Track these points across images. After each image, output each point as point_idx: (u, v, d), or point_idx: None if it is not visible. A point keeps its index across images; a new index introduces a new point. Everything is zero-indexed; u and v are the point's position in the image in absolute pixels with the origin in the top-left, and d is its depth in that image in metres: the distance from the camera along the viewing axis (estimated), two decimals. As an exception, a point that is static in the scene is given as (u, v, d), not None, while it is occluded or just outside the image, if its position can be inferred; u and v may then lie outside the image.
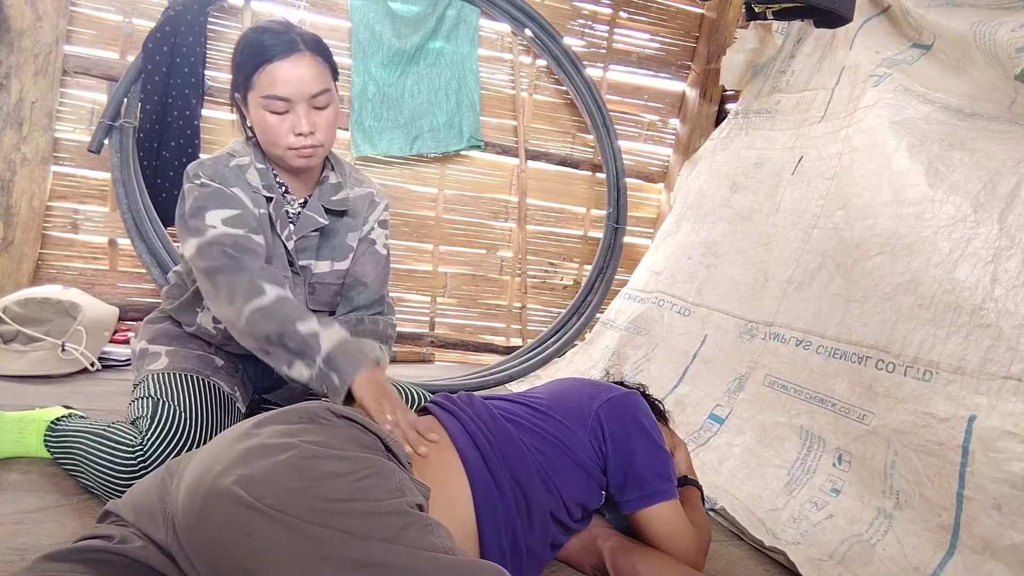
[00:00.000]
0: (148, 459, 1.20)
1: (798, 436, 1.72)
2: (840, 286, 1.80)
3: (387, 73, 2.68)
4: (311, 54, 1.28)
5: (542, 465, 1.06)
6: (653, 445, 1.15)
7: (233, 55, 1.32)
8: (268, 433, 0.81)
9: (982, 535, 1.24)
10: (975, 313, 1.42)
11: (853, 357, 1.66)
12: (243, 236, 1.27)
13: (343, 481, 0.75)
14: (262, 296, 1.18)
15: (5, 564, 1.02)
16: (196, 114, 2.42)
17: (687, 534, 1.14)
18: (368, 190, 1.53)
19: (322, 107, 1.31)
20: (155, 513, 0.82)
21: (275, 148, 1.32)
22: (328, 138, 1.34)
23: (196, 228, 1.27)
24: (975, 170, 1.58)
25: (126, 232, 2.30)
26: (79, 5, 2.39)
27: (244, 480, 0.72)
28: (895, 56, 2.05)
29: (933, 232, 1.58)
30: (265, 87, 1.26)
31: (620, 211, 2.92)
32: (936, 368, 1.45)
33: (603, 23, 3.02)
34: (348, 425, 0.87)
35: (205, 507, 0.73)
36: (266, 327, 1.16)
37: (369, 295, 1.49)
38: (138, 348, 1.48)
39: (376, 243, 1.52)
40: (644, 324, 2.45)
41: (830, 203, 1.98)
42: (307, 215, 1.42)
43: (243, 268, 1.22)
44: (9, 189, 2.32)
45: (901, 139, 1.78)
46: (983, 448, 1.28)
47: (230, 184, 1.32)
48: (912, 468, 1.41)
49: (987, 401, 1.32)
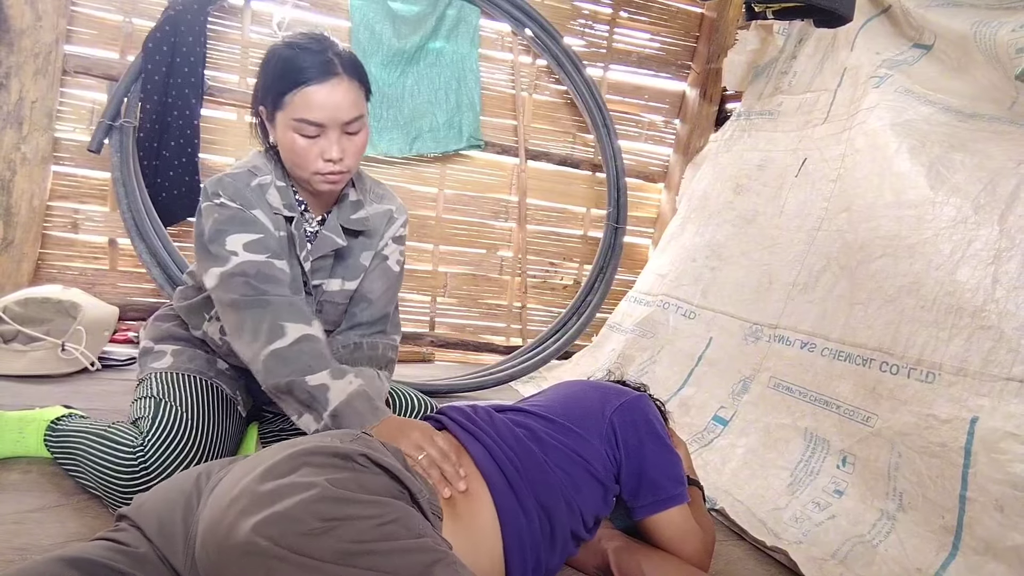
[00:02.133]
0: (149, 460, 1.20)
1: (802, 438, 1.72)
2: (845, 288, 1.80)
3: (387, 73, 2.68)
4: (349, 78, 1.22)
5: (565, 485, 1.05)
6: (665, 449, 1.14)
7: (262, 68, 1.25)
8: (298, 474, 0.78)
9: (984, 536, 1.24)
10: (976, 315, 1.42)
11: (857, 359, 1.66)
12: (265, 263, 1.22)
13: (367, 523, 0.73)
14: (282, 338, 1.16)
15: (5, 564, 1.01)
16: (196, 114, 2.42)
17: (695, 536, 1.14)
18: (388, 207, 1.46)
19: (354, 132, 1.26)
20: (177, 534, 0.80)
21: (301, 171, 1.26)
22: (355, 163, 1.29)
23: (217, 255, 1.22)
24: (976, 172, 1.58)
25: (126, 232, 2.29)
26: (79, 5, 2.39)
27: (263, 524, 0.70)
28: (896, 57, 2.05)
29: (934, 234, 1.58)
30: (299, 110, 1.20)
31: (620, 211, 2.92)
32: (939, 370, 1.45)
33: (603, 23, 3.02)
34: (381, 473, 0.84)
35: (223, 555, 0.71)
36: (280, 373, 1.14)
37: (373, 312, 1.43)
38: (143, 345, 1.47)
39: (389, 259, 1.46)
40: (650, 327, 2.45)
41: (834, 205, 1.98)
42: (324, 235, 1.36)
43: (267, 304, 1.19)
44: (9, 189, 2.32)
45: (902, 141, 1.78)
46: (985, 450, 1.28)
47: (251, 205, 1.27)
48: (915, 470, 1.41)
49: (989, 403, 1.32)
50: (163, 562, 0.80)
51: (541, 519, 0.99)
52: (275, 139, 1.29)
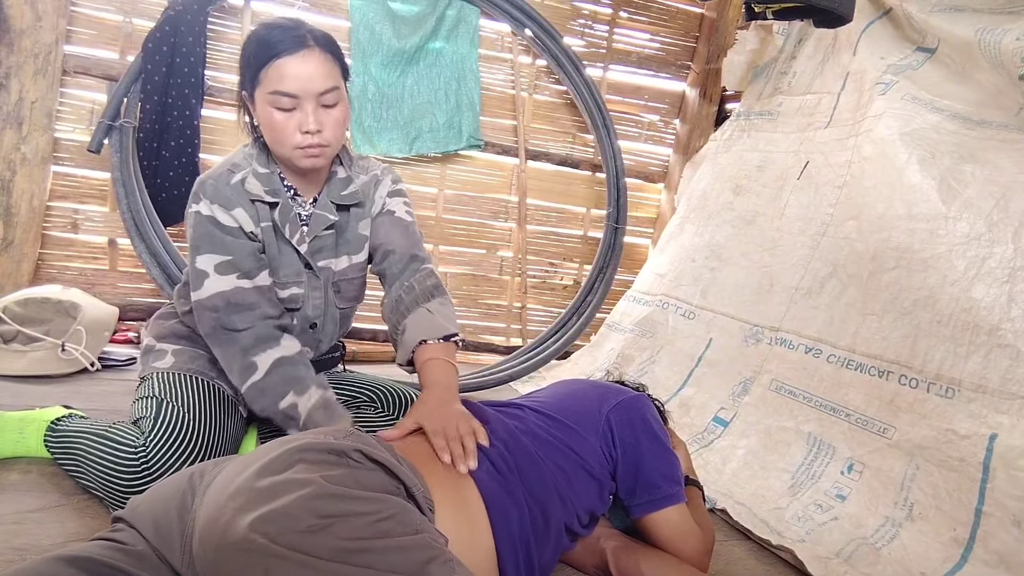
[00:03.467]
0: (151, 461, 1.20)
1: (805, 442, 1.72)
2: (854, 297, 1.80)
3: (387, 73, 2.67)
4: (320, 50, 1.25)
5: (559, 480, 1.05)
6: (662, 449, 1.14)
7: (241, 52, 1.28)
8: (294, 470, 0.78)
9: (999, 550, 1.25)
10: (993, 333, 1.43)
11: (872, 370, 1.66)
12: (233, 292, 1.28)
13: (364, 520, 0.73)
14: (255, 372, 1.28)
15: (5, 564, 1.02)
16: (196, 114, 2.42)
17: (694, 535, 1.14)
18: (372, 173, 1.49)
19: (330, 105, 1.27)
20: (173, 533, 0.80)
21: (281, 147, 1.29)
22: (336, 138, 1.31)
23: (193, 276, 1.31)
24: (987, 185, 1.58)
25: (126, 232, 2.29)
26: (79, 5, 2.38)
27: (260, 521, 0.70)
28: (900, 61, 2.04)
29: (948, 249, 1.59)
30: (272, 83, 1.22)
31: (620, 211, 2.92)
32: (958, 385, 1.46)
33: (603, 23, 3.02)
34: (376, 468, 0.84)
35: (220, 552, 0.71)
36: (261, 403, 1.29)
37: (401, 258, 1.44)
38: (145, 343, 1.48)
39: (396, 212, 1.48)
40: (649, 327, 2.45)
41: (840, 212, 1.97)
42: (318, 214, 1.39)
43: (235, 342, 1.29)
44: (9, 189, 2.32)
45: (912, 152, 1.77)
46: (1004, 466, 1.30)
47: (231, 204, 1.30)
48: (932, 482, 1.42)
49: (1008, 420, 1.34)
50: (162, 560, 0.80)
51: (534, 513, 0.99)
52: (257, 120, 1.31)
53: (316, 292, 1.43)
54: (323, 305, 1.46)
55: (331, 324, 1.51)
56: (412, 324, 1.34)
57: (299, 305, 1.42)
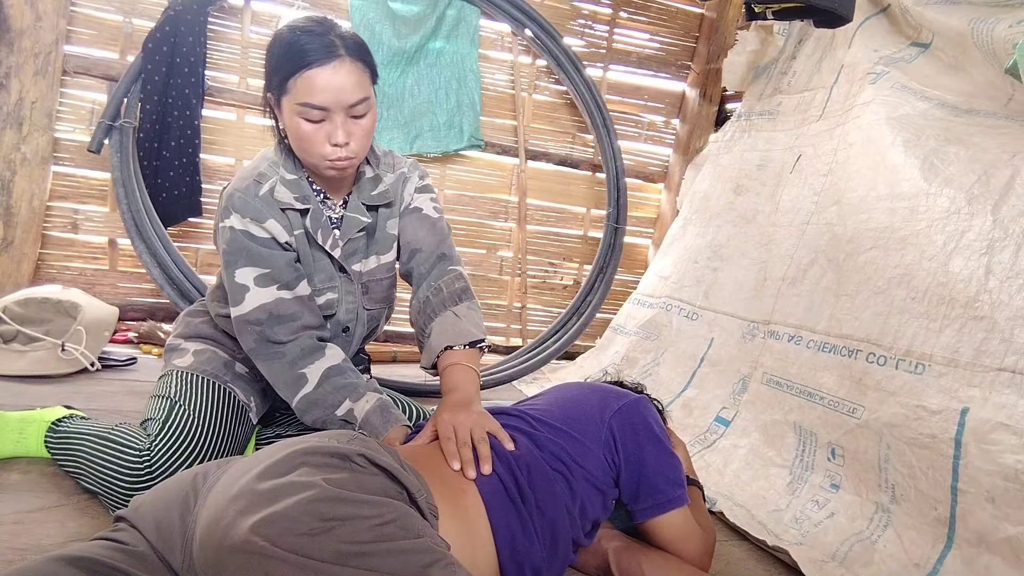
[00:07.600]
0: (155, 465, 1.19)
1: (793, 432, 1.72)
2: (831, 280, 1.80)
3: (387, 73, 2.68)
4: (351, 60, 1.20)
5: (567, 495, 1.04)
6: (665, 452, 1.14)
7: (267, 53, 1.24)
8: (296, 474, 0.78)
9: (977, 528, 1.24)
10: (969, 305, 1.41)
11: (843, 351, 1.66)
12: (274, 303, 1.27)
13: (365, 524, 0.73)
14: (306, 384, 1.27)
15: (5, 564, 1.01)
16: (196, 114, 2.42)
17: (696, 537, 1.14)
18: (400, 171, 1.47)
19: (360, 116, 1.24)
20: (174, 534, 0.80)
21: (308, 156, 1.26)
22: (363, 148, 1.29)
23: (232, 291, 1.27)
24: (970, 163, 1.57)
25: (126, 232, 2.29)
26: (79, 5, 2.38)
27: (262, 524, 0.70)
28: (894, 54, 2.05)
29: (927, 225, 1.58)
30: (301, 94, 1.18)
31: (620, 211, 2.92)
32: (929, 361, 1.44)
33: (603, 23, 3.02)
34: (379, 473, 0.84)
35: (221, 555, 0.71)
36: (314, 414, 1.27)
37: (428, 257, 1.43)
38: (169, 341, 1.48)
39: (423, 209, 1.46)
40: (653, 329, 2.45)
41: (824, 199, 1.98)
42: (350, 217, 1.37)
43: (282, 356, 1.27)
44: (9, 189, 2.32)
45: (897, 134, 1.78)
46: (976, 440, 1.28)
47: (263, 217, 1.28)
48: (905, 461, 1.40)
49: (980, 393, 1.32)
50: (162, 562, 0.80)
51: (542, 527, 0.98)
52: (283, 125, 1.28)
53: (349, 296, 1.42)
54: (356, 309, 1.45)
55: (361, 327, 1.50)
56: (438, 328, 1.34)
57: (334, 311, 1.41)
